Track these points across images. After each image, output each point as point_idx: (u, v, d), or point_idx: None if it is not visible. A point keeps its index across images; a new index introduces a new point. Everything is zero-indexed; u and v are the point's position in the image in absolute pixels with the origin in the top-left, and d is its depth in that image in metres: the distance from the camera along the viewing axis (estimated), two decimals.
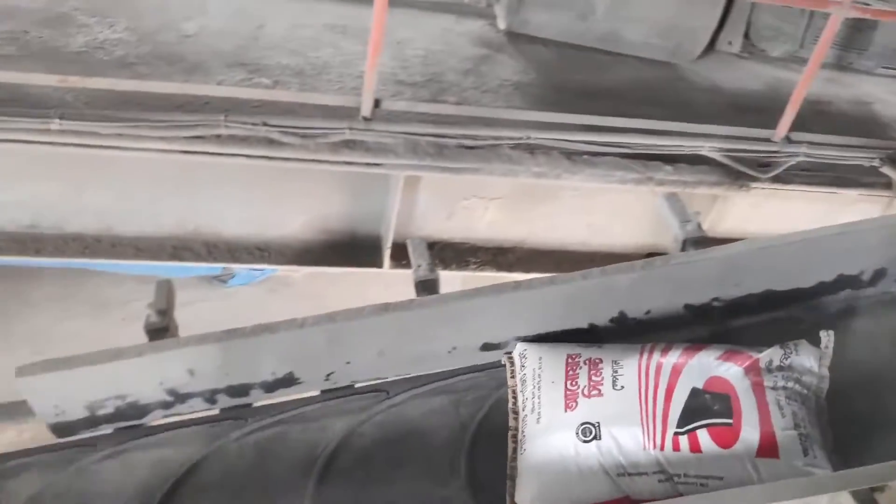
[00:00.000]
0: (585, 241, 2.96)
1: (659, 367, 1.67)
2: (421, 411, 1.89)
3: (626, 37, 3.33)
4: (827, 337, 1.69)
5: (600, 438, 1.60)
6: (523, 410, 1.73)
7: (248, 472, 1.80)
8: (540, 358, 1.78)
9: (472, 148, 2.48)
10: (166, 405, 1.86)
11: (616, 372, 1.68)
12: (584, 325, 1.87)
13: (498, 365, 1.89)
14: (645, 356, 1.70)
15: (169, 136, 2.25)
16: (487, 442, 1.77)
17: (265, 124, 2.32)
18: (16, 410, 2.17)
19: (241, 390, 1.86)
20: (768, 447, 1.54)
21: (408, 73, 2.95)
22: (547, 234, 2.92)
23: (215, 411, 1.94)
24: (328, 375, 1.89)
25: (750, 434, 1.55)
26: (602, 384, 1.67)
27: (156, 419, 1.91)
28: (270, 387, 1.87)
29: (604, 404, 1.64)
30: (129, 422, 1.88)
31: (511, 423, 1.75)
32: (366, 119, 2.40)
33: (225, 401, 1.89)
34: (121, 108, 2.30)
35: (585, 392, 1.67)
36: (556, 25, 3.33)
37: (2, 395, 2.37)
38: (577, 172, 2.54)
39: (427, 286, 1.97)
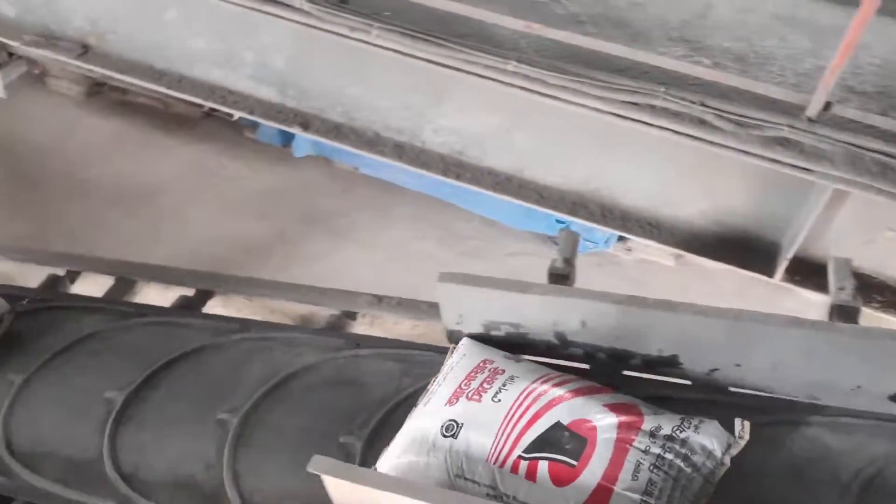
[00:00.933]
0: None
1: (541, 395, 1.70)
2: (373, 368, 2.11)
3: None
4: (741, 427, 1.61)
5: (456, 438, 1.69)
6: (428, 392, 1.84)
7: (226, 372, 2.16)
8: (464, 355, 1.87)
9: None
10: (550, 346, 1.95)
11: (505, 386, 1.74)
12: None
13: None
14: (538, 382, 1.73)
15: (607, 97, 2.31)
16: (405, 412, 1.87)
17: (703, 104, 2.27)
18: (414, 308, 2.46)
19: (622, 356, 1.88)
20: (599, 499, 1.53)
21: (858, 81, 2.68)
22: None
23: (586, 367, 2.00)
24: (711, 371, 1.83)
25: (587, 480, 1.56)
26: (486, 392, 1.74)
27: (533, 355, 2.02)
28: (652, 363, 1.87)
29: (476, 410, 1.72)
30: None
31: (419, 400, 1.85)
32: (810, 120, 2.23)
33: (601, 361, 1.93)
34: (567, 62, 2.41)
35: (470, 395, 1.75)
36: None
37: (374, 289, 2.71)
38: None
39: (847, 313, 1.81)
